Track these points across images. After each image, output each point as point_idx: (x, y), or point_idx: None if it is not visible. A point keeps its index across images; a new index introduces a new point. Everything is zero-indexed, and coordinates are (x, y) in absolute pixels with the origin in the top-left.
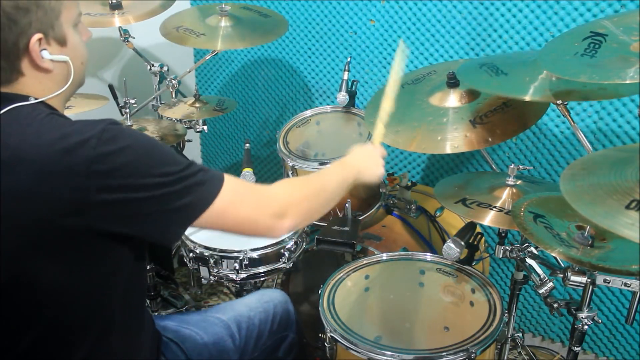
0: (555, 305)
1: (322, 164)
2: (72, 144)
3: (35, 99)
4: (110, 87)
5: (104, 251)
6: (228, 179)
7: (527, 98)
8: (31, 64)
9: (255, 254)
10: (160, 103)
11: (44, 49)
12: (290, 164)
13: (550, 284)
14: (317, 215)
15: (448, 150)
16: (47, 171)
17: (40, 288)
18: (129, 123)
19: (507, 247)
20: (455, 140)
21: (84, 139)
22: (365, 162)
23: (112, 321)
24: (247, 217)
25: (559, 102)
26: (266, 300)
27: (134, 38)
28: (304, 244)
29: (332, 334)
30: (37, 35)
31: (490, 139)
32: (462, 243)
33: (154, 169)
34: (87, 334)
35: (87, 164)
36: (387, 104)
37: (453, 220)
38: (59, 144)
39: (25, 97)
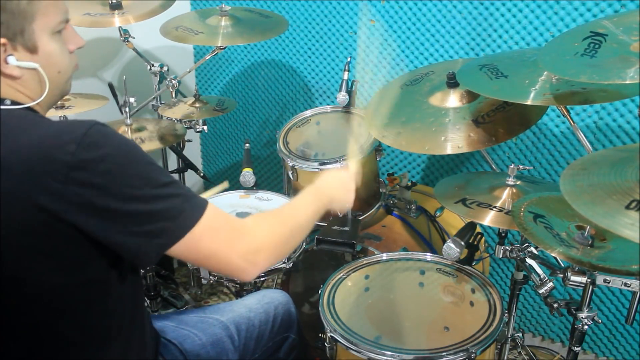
0: (555, 305)
1: (322, 164)
2: (51, 149)
3: (12, 102)
4: (110, 87)
5: (87, 257)
6: (209, 209)
7: (528, 102)
8: None
9: None
10: (160, 103)
11: (11, 55)
12: (290, 164)
13: (550, 284)
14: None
15: (452, 150)
16: (25, 176)
17: (29, 294)
18: (128, 122)
19: (507, 247)
20: (459, 140)
21: (63, 142)
22: (338, 191)
23: (107, 329)
24: (219, 251)
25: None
26: (267, 302)
27: (134, 38)
28: (304, 244)
29: (332, 334)
30: (1, 41)
31: (494, 138)
32: (462, 243)
33: (133, 180)
34: (81, 342)
35: (65, 170)
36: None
37: (453, 220)
38: (37, 149)
39: (1, 100)
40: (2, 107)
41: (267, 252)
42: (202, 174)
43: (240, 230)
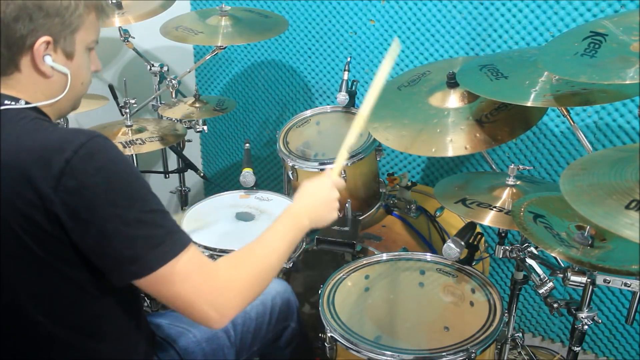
0: (555, 305)
1: (322, 163)
2: (49, 154)
3: (26, 102)
4: (110, 87)
5: (75, 262)
6: (190, 249)
7: (528, 104)
8: (31, 63)
9: None
10: (160, 103)
11: (48, 55)
12: (290, 164)
13: (550, 284)
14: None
15: (459, 152)
16: (22, 178)
17: (20, 294)
18: (129, 123)
19: (507, 247)
20: (465, 141)
21: (61, 149)
22: (318, 209)
23: (100, 329)
24: (188, 296)
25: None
26: (264, 292)
27: (134, 38)
28: (304, 244)
29: (332, 334)
30: (45, 38)
31: (500, 137)
32: (462, 243)
33: (120, 199)
34: (74, 344)
35: (58, 176)
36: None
37: (453, 220)
38: (37, 153)
39: (16, 99)
40: (17, 106)
41: (238, 303)
42: (202, 174)
43: (213, 279)
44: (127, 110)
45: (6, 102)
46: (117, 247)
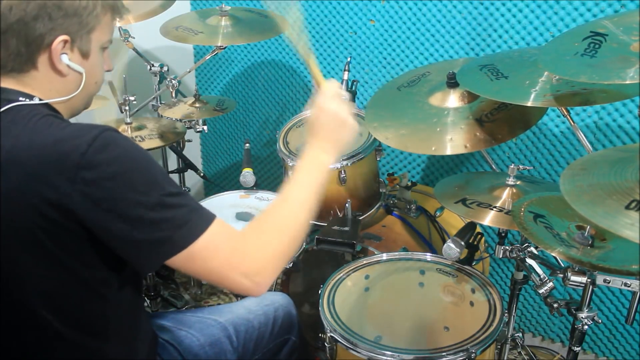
0: (555, 305)
1: None
2: (63, 149)
3: (40, 99)
4: (111, 85)
5: (90, 258)
6: (216, 224)
7: (529, 104)
8: (48, 61)
9: None
10: (160, 103)
11: (65, 53)
12: (290, 164)
13: (550, 284)
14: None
15: (459, 150)
16: (36, 174)
17: (29, 291)
18: (128, 121)
19: (507, 247)
20: (465, 140)
21: (75, 144)
22: (337, 136)
23: (106, 328)
24: (220, 268)
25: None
26: (267, 304)
27: (134, 38)
28: (304, 244)
29: (332, 334)
30: (63, 37)
31: (500, 136)
32: (462, 243)
33: (139, 186)
34: (80, 341)
35: (74, 170)
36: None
37: (453, 220)
38: (51, 148)
39: (30, 96)
40: (30, 102)
41: (271, 269)
42: (202, 174)
43: (242, 250)
44: (127, 108)
45: (20, 98)
46: (144, 232)
